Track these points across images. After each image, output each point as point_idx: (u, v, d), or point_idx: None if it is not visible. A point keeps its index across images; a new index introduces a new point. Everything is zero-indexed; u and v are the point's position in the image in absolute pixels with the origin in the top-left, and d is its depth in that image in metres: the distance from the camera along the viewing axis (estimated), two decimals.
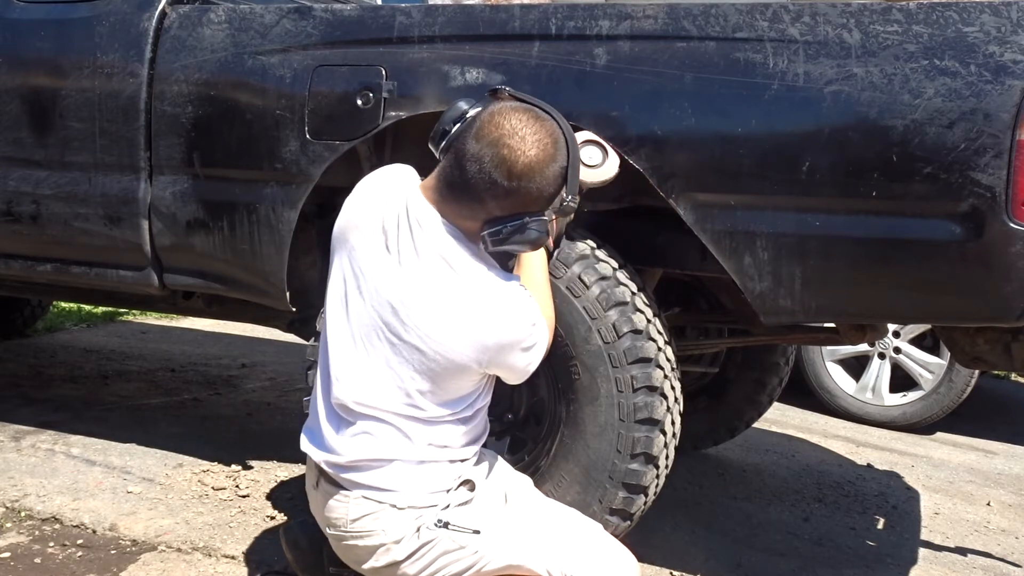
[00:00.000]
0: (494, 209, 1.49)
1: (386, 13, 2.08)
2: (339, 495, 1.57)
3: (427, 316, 1.50)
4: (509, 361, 1.56)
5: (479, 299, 1.51)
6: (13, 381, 3.53)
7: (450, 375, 1.54)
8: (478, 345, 1.51)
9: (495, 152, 1.45)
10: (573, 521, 1.67)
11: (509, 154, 1.45)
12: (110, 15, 2.32)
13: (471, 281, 1.51)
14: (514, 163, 1.45)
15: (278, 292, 2.24)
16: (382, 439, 1.55)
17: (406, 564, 1.55)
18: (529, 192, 1.48)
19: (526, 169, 1.46)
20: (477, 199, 1.49)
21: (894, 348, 4.11)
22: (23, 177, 2.42)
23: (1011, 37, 1.61)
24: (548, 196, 1.52)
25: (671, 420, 1.95)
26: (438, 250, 1.51)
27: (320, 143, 2.08)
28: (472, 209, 1.51)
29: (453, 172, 1.51)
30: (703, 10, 1.81)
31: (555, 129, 1.51)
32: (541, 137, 1.48)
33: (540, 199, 1.51)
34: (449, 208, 1.53)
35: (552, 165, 1.49)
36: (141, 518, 2.30)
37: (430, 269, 1.51)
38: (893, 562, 2.51)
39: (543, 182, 1.49)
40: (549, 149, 1.48)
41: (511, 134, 1.46)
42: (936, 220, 1.68)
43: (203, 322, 5.06)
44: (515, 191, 1.47)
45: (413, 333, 1.51)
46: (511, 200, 1.48)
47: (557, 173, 1.51)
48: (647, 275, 2.20)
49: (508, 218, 1.49)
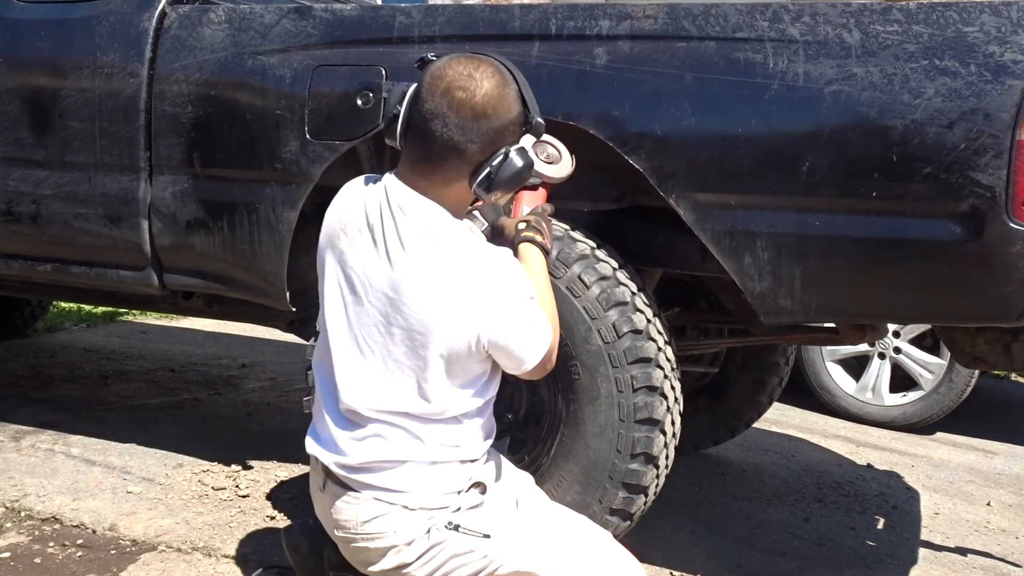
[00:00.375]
0: (474, 155, 1.50)
1: (386, 13, 2.08)
2: (348, 496, 1.56)
3: (422, 297, 1.50)
4: (508, 333, 1.51)
5: (468, 267, 1.50)
6: (13, 381, 3.53)
7: (455, 360, 1.52)
8: (474, 313, 1.49)
9: (451, 99, 1.48)
10: (582, 528, 1.66)
11: (465, 95, 1.48)
12: (110, 15, 2.32)
13: (460, 254, 1.51)
14: (473, 100, 1.48)
15: (278, 292, 2.24)
16: (394, 441, 1.54)
17: (415, 566, 1.54)
18: (497, 122, 1.50)
19: (485, 101, 1.49)
20: (454, 153, 1.50)
21: (894, 348, 4.11)
22: (23, 177, 2.42)
23: (1011, 37, 1.61)
24: (516, 121, 1.54)
25: (671, 420, 1.95)
26: (424, 231, 1.51)
27: (320, 143, 2.08)
28: (455, 169, 1.52)
29: (422, 144, 1.52)
30: (703, 10, 1.81)
31: (492, 61, 1.54)
32: (484, 70, 1.51)
33: (509, 126, 1.53)
34: (431, 183, 1.53)
35: (507, 89, 1.52)
36: (141, 518, 2.30)
37: (419, 252, 1.50)
38: (893, 562, 2.51)
39: (505, 109, 1.51)
40: (497, 77, 1.51)
41: (458, 78, 1.50)
42: (936, 220, 1.68)
43: (203, 322, 5.06)
44: (484, 127, 1.49)
45: (411, 318, 1.50)
46: (484, 139, 1.50)
47: (514, 96, 1.53)
48: (647, 275, 2.20)
49: (489, 158, 1.51)
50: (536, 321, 1.55)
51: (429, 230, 1.51)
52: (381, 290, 1.52)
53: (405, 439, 1.54)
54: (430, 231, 1.51)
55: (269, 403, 3.53)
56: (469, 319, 1.50)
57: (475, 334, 1.50)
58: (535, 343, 1.55)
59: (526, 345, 1.54)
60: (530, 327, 1.54)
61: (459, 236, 1.53)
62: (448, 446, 1.56)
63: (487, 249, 1.55)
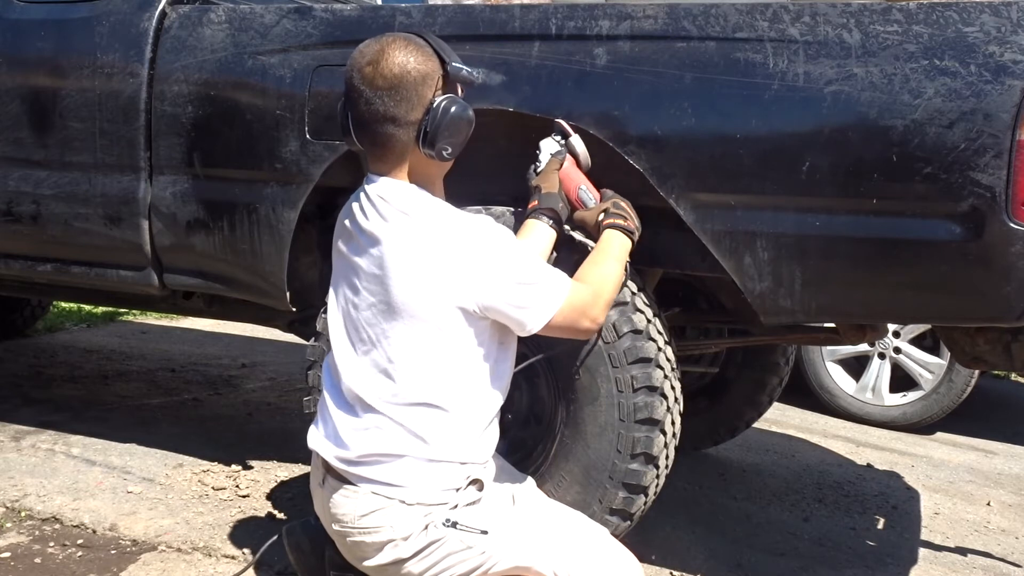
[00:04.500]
0: (406, 119, 1.54)
1: (386, 13, 2.08)
2: (345, 489, 1.57)
3: (404, 270, 1.52)
4: (494, 293, 1.51)
5: (447, 234, 1.52)
6: (13, 381, 3.53)
7: (453, 331, 1.52)
8: (456, 278, 1.50)
9: (363, 75, 1.54)
10: (579, 525, 1.67)
11: (371, 69, 1.53)
12: (110, 15, 2.32)
13: (438, 223, 1.54)
14: (380, 67, 1.53)
15: (278, 292, 2.24)
16: (392, 434, 1.54)
17: (411, 562, 1.54)
18: (412, 77, 1.54)
19: (392, 63, 1.53)
20: (389, 122, 1.54)
21: (894, 348, 4.11)
22: (23, 177, 2.42)
23: (1011, 37, 1.61)
24: (434, 73, 1.56)
25: (671, 420, 1.95)
26: (401, 208, 1.54)
27: (320, 143, 2.08)
28: (399, 140, 1.56)
29: (364, 130, 1.58)
30: (703, 10, 1.81)
31: (396, 33, 1.60)
32: (386, 40, 1.57)
33: (427, 79, 1.55)
34: (391, 164, 1.58)
35: (411, 47, 1.56)
36: (141, 518, 2.30)
37: (398, 226, 1.53)
38: (893, 562, 2.51)
39: (416, 63, 1.54)
40: (399, 40, 1.56)
41: (359, 59, 1.56)
42: (936, 220, 1.68)
43: (203, 322, 5.06)
44: (401, 87, 1.53)
45: (396, 292, 1.52)
46: (408, 99, 1.54)
47: (423, 50, 1.57)
48: (647, 275, 2.20)
49: (423, 116, 1.55)
50: (529, 278, 1.54)
51: (406, 207, 1.55)
52: (371, 272, 1.55)
53: (404, 433, 1.54)
54: (406, 208, 1.55)
55: (269, 403, 3.53)
56: (453, 285, 1.51)
57: (460, 299, 1.51)
58: (531, 301, 1.53)
59: (518, 304, 1.53)
60: (517, 284, 1.53)
61: (436, 208, 1.56)
62: (449, 445, 1.56)
63: (465, 216, 1.57)
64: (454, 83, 1.60)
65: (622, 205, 1.77)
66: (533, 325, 1.55)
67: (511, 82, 1.90)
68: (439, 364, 1.54)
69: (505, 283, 1.52)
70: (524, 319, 1.54)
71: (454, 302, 1.51)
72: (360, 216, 1.59)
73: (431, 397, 1.54)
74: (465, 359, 1.56)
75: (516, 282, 1.53)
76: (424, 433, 1.54)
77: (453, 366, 1.55)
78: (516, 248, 1.58)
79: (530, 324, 1.55)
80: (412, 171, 1.59)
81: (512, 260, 1.54)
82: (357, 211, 1.60)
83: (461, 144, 1.60)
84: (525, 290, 1.53)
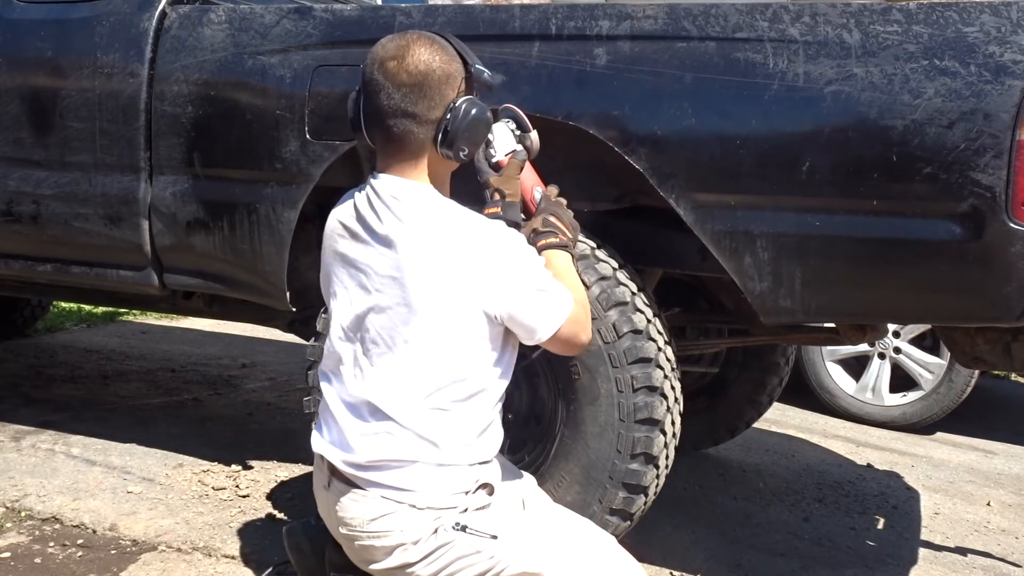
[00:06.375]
0: (426, 117, 1.53)
1: (386, 13, 2.09)
2: (354, 494, 1.56)
3: (431, 273, 1.50)
4: (513, 299, 1.51)
5: (467, 238, 1.51)
6: (13, 381, 3.53)
7: (473, 335, 1.52)
8: (476, 282, 1.49)
9: (386, 71, 1.52)
10: (586, 531, 1.66)
11: (394, 64, 1.52)
12: (110, 15, 2.32)
13: (457, 227, 1.52)
14: (405, 63, 1.52)
15: (278, 292, 2.24)
16: (404, 439, 1.53)
17: (420, 566, 1.54)
18: (436, 77, 1.53)
19: (418, 61, 1.52)
20: (408, 119, 1.53)
21: (894, 348, 4.11)
22: (23, 177, 2.42)
23: (1011, 37, 1.61)
24: (457, 74, 1.56)
25: (671, 420, 1.95)
26: (419, 209, 1.53)
27: (320, 143, 2.09)
28: (416, 138, 1.54)
29: (380, 126, 1.56)
30: (703, 10, 1.81)
31: (419, 31, 1.59)
32: (411, 37, 1.56)
33: (451, 79, 1.55)
34: (405, 163, 1.56)
35: (435, 46, 1.55)
36: (141, 518, 2.30)
37: (417, 229, 1.52)
38: (893, 562, 2.51)
39: (440, 63, 1.54)
40: (424, 39, 1.56)
41: (381, 53, 1.55)
42: (936, 220, 1.68)
43: (203, 322, 5.06)
44: (425, 85, 1.52)
45: (415, 294, 1.50)
46: (430, 98, 1.53)
47: (447, 51, 1.56)
48: (647, 275, 2.20)
49: (443, 115, 1.54)
50: (544, 286, 1.54)
51: (423, 208, 1.53)
52: (387, 274, 1.53)
53: (414, 438, 1.53)
54: (424, 209, 1.53)
55: (269, 403, 3.53)
56: (479, 289, 1.50)
57: (485, 304, 1.51)
58: (545, 309, 1.54)
59: (534, 311, 1.53)
60: (536, 291, 1.53)
61: (453, 210, 1.55)
62: (458, 447, 1.55)
63: (484, 220, 1.56)
64: (473, 85, 1.60)
65: (551, 220, 1.70)
66: (544, 333, 1.55)
67: (511, 82, 1.90)
68: (456, 368, 1.53)
69: (527, 288, 1.53)
70: (537, 326, 1.55)
71: (479, 306, 1.51)
72: (370, 216, 1.56)
73: (446, 401, 1.54)
74: (480, 363, 1.56)
75: (535, 288, 1.53)
76: (436, 437, 1.53)
77: (468, 370, 1.55)
78: (534, 254, 1.58)
79: (540, 331, 1.55)
80: (425, 172, 1.57)
81: (532, 266, 1.55)
82: (364, 210, 1.57)
83: (478, 146, 1.61)
84: (541, 297, 1.54)
